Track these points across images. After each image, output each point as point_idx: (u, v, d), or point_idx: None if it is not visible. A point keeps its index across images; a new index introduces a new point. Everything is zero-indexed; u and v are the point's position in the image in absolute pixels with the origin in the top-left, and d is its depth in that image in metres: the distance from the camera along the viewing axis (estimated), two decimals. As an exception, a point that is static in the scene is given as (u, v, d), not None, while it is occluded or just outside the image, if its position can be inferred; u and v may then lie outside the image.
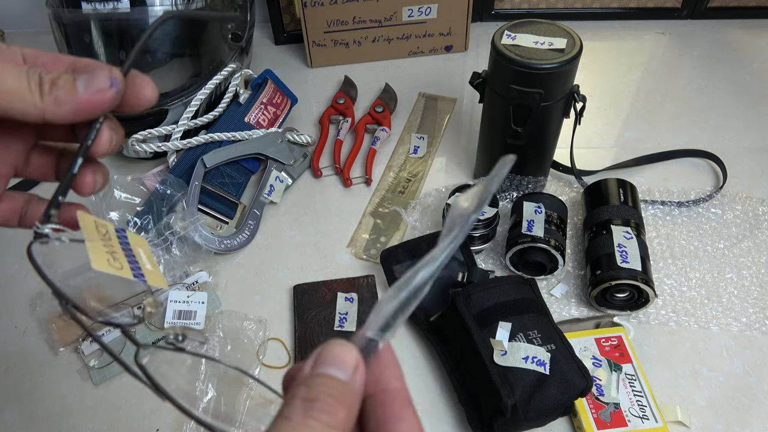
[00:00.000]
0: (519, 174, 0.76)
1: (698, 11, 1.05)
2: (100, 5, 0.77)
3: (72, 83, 0.26)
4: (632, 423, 0.56)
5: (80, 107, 0.26)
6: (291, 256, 0.74)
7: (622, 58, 1.01)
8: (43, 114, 0.26)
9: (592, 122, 0.90)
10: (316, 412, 0.21)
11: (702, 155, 0.84)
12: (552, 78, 0.63)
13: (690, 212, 0.77)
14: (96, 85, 0.26)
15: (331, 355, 0.23)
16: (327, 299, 0.67)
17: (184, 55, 0.86)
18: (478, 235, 0.70)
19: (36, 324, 0.68)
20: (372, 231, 0.77)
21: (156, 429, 0.60)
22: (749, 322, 0.65)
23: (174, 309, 0.66)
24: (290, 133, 0.85)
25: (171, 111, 0.82)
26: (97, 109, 0.26)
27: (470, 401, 0.59)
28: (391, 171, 0.84)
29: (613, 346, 0.62)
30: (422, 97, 0.95)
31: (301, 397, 0.21)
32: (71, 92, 0.26)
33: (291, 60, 1.04)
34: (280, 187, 0.80)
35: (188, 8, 0.81)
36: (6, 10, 1.09)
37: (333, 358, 0.23)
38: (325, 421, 0.21)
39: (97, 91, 0.26)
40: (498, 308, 0.58)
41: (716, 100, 0.93)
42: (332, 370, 0.22)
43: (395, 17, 0.97)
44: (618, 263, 0.63)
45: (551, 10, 1.06)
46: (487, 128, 0.74)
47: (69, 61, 0.28)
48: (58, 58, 0.28)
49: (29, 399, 0.63)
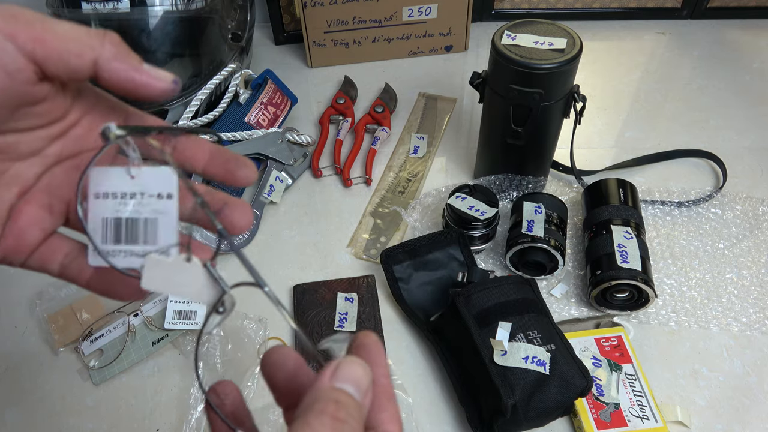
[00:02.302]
0: (519, 174, 0.76)
1: (698, 11, 1.05)
2: (100, 5, 0.77)
3: (139, 58, 0.26)
4: (632, 423, 0.56)
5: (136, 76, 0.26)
6: (291, 256, 0.74)
7: (622, 58, 1.01)
8: (97, 59, 0.25)
9: (592, 122, 0.90)
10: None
11: (702, 155, 0.84)
12: (552, 78, 0.63)
13: (690, 212, 0.77)
14: (160, 73, 0.26)
15: (353, 374, 0.24)
16: (327, 299, 0.67)
17: (184, 55, 0.86)
18: (478, 235, 0.70)
19: (36, 324, 0.68)
20: (372, 231, 0.77)
21: (156, 429, 0.60)
22: (749, 322, 0.65)
23: (174, 309, 0.66)
24: (290, 133, 0.85)
25: (171, 111, 0.82)
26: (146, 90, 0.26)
27: (470, 401, 0.59)
28: (391, 171, 0.84)
29: (613, 346, 0.62)
30: (422, 97, 0.95)
31: (331, 415, 0.22)
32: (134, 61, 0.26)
33: (291, 60, 1.04)
34: (280, 187, 0.80)
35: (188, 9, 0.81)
36: (6, 10, 1.09)
37: (354, 378, 0.24)
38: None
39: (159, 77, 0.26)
40: (498, 308, 0.58)
41: (716, 100, 0.93)
42: (352, 388, 0.24)
43: (395, 17, 0.97)
44: (618, 263, 0.63)
45: (551, 10, 1.06)
46: (487, 128, 0.74)
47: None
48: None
49: (29, 399, 0.63)
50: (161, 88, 0.26)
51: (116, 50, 0.25)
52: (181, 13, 0.80)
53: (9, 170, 0.27)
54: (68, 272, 0.29)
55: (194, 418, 0.59)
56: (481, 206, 0.68)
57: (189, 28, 0.82)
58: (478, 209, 0.68)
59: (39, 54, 0.24)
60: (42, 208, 0.28)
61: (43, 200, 0.28)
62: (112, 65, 0.25)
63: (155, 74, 0.26)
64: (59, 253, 0.28)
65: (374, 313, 0.66)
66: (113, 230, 0.27)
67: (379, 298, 0.68)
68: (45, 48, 0.24)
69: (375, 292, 0.68)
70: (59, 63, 0.24)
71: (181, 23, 0.81)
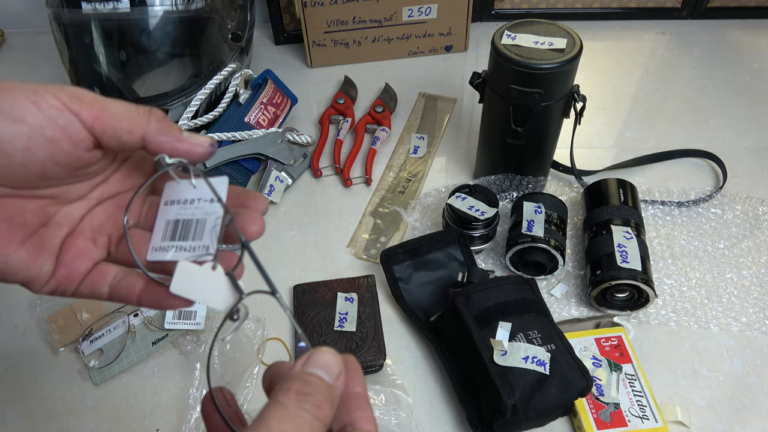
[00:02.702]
0: (519, 174, 0.76)
1: (698, 11, 1.05)
2: (100, 5, 0.77)
3: (180, 128, 0.31)
4: (632, 423, 0.56)
5: (180, 145, 0.31)
6: (291, 256, 0.74)
7: (622, 58, 1.01)
8: (145, 136, 0.30)
9: (592, 122, 0.90)
10: (309, 405, 0.25)
11: (702, 155, 0.84)
12: (552, 78, 0.63)
13: (690, 212, 0.77)
14: (200, 139, 0.31)
15: (322, 359, 0.27)
16: (327, 299, 0.67)
17: (184, 55, 0.86)
18: (478, 235, 0.70)
19: (36, 324, 0.68)
20: (372, 231, 0.77)
21: (156, 429, 0.60)
22: (749, 322, 0.65)
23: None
24: (290, 133, 0.85)
25: (171, 111, 0.82)
26: (190, 156, 0.31)
27: (470, 401, 0.59)
28: (391, 171, 0.84)
29: (613, 346, 0.62)
30: (422, 97, 0.95)
31: (297, 390, 0.25)
32: (177, 131, 0.31)
33: (291, 60, 1.04)
34: (280, 187, 0.80)
35: (188, 9, 0.81)
36: (6, 10, 1.09)
37: (323, 363, 0.27)
38: (314, 414, 0.25)
39: (199, 143, 0.31)
40: (498, 308, 0.58)
41: (716, 100, 0.93)
42: (321, 372, 0.27)
43: (395, 17, 0.97)
44: (618, 263, 0.63)
45: (551, 10, 1.06)
46: (487, 128, 0.74)
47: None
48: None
49: (29, 399, 0.63)
50: (201, 152, 0.31)
51: (160, 126, 0.30)
52: (181, 13, 0.80)
53: (59, 212, 0.32)
54: (118, 292, 0.32)
55: (194, 418, 0.59)
56: (481, 206, 0.68)
57: (189, 28, 0.83)
58: (478, 209, 0.68)
59: (98, 129, 0.29)
60: (88, 241, 0.32)
61: (87, 235, 0.32)
62: (158, 139, 0.30)
63: (195, 141, 0.31)
64: (108, 276, 0.32)
65: (374, 313, 0.66)
66: (172, 229, 0.32)
67: (379, 298, 0.68)
68: (102, 125, 0.29)
69: (375, 292, 0.68)
70: (113, 138, 0.29)
71: (181, 23, 0.81)
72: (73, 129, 0.28)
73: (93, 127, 0.29)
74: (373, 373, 0.63)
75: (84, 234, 0.32)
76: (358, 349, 0.63)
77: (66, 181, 0.31)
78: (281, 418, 0.24)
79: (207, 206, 0.31)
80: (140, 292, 0.31)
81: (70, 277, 0.31)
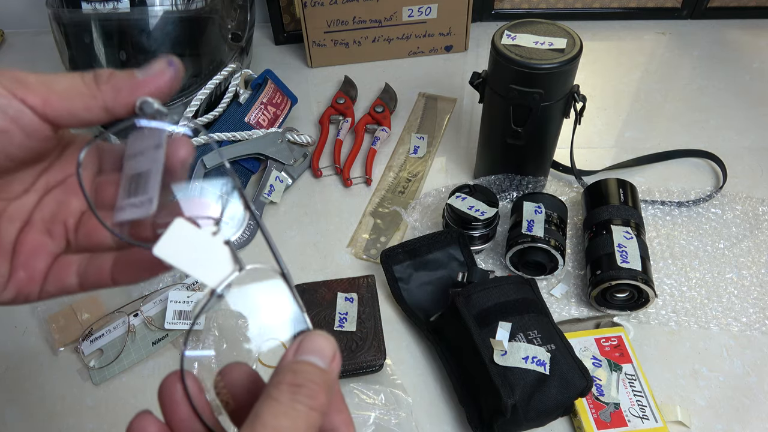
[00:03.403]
0: (519, 174, 0.76)
1: (698, 11, 1.05)
2: (100, 5, 0.77)
3: (130, 72, 0.27)
4: (632, 423, 0.56)
5: (140, 88, 0.26)
6: (291, 256, 0.74)
7: (622, 58, 1.01)
8: (104, 104, 0.26)
9: (592, 122, 0.90)
10: (302, 396, 0.24)
11: (702, 155, 0.84)
12: (552, 78, 0.63)
13: (690, 212, 0.77)
14: (154, 68, 0.27)
15: (313, 344, 0.25)
16: (327, 299, 0.67)
17: (184, 55, 0.86)
18: (478, 235, 0.70)
19: (36, 324, 0.68)
20: (372, 231, 0.77)
21: (156, 429, 0.60)
22: (749, 322, 0.65)
23: (174, 309, 0.66)
24: (290, 133, 0.85)
25: (171, 111, 0.82)
26: (157, 89, 0.27)
27: (470, 401, 0.59)
28: (391, 171, 0.84)
29: (613, 346, 0.62)
30: (422, 97, 0.95)
31: (288, 382, 0.24)
32: (130, 78, 0.26)
33: (291, 60, 1.04)
34: (280, 187, 0.80)
35: (188, 9, 0.81)
36: (6, 10, 1.09)
37: (314, 348, 0.25)
38: (309, 405, 0.24)
39: (157, 72, 0.27)
40: (498, 308, 0.58)
41: (716, 100, 0.93)
42: (313, 358, 0.25)
43: (395, 17, 0.97)
44: (618, 263, 0.63)
45: (551, 10, 1.06)
46: (487, 128, 0.74)
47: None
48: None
49: (29, 399, 0.63)
50: (165, 78, 0.27)
51: (111, 85, 0.26)
52: (181, 13, 0.80)
53: (7, 208, 0.28)
54: (88, 279, 0.29)
55: (194, 418, 0.59)
56: (481, 206, 0.68)
57: (189, 28, 0.82)
58: (478, 209, 0.68)
59: (50, 114, 0.25)
60: (42, 234, 0.29)
61: (41, 228, 0.29)
62: (120, 100, 0.26)
63: (150, 73, 0.27)
64: (72, 266, 0.29)
65: (374, 313, 0.66)
66: (127, 185, 0.28)
67: (379, 298, 0.68)
68: (54, 109, 0.25)
69: (375, 292, 0.68)
70: (71, 119, 0.26)
71: (181, 23, 0.81)
72: (24, 119, 0.25)
73: (45, 113, 0.25)
74: (372, 373, 0.63)
75: (36, 227, 0.29)
76: (358, 349, 0.63)
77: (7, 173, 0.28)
78: (276, 413, 0.23)
79: (153, 154, 0.27)
80: (112, 269, 0.29)
81: (31, 278, 0.28)
